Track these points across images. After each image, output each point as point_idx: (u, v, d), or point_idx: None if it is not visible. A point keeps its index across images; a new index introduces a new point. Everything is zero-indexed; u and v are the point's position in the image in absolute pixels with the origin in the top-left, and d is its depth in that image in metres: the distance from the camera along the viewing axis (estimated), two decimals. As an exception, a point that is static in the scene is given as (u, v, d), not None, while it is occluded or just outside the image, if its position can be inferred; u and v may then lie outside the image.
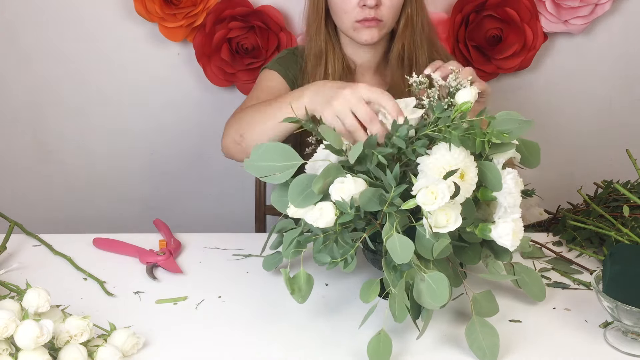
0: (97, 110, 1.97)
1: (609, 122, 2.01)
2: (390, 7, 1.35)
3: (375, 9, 1.33)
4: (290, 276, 1.00)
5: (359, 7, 1.33)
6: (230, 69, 1.85)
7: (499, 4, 1.81)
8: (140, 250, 1.30)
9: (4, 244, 1.30)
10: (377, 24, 1.36)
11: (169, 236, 1.36)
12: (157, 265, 1.26)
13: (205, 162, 2.03)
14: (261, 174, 1.01)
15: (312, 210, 0.96)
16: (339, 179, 0.97)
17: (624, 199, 1.34)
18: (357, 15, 1.34)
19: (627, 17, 1.89)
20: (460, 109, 1.00)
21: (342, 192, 0.95)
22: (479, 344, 0.97)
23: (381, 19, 1.35)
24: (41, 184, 2.05)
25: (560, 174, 2.06)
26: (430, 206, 0.90)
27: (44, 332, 0.89)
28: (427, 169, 0.97)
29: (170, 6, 1.78)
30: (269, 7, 1.81)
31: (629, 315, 0.99)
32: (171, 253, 1.28)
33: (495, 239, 0.98)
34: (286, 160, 1.00)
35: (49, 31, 1.88)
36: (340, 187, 0.96)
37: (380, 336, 0.95)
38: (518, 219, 0.99)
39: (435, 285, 0.93)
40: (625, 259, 1.03)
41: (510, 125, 1.01)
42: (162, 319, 1.11)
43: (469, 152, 0.98)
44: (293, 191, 0.98)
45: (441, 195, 0.90)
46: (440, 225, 0.94)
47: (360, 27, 1.36)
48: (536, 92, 1.97)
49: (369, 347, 0.94)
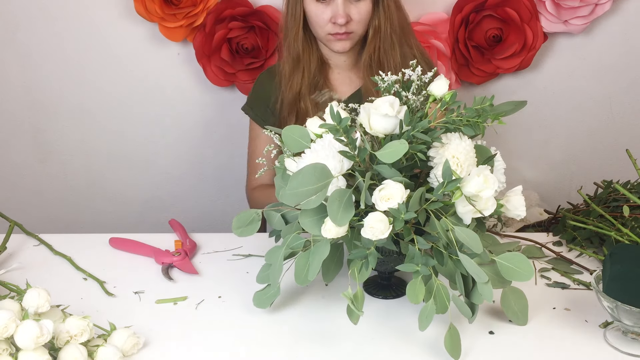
0: (97, 110, 1.97)
1: (609, 122, 2.01)
2: (359, 20, 1.44)
3: (346, 25, 1.42)
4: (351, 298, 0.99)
5: (330, 23, 1.43)
6: (230, 69, 1.85)
7: (499, 4, 1.81)
8: (156, 250, 1.30)
9: (4, 244, 1.30)
10: (347, 37, 1.45)
11: (184, 236, 1.36)
12: (172, 265, 1.26)
13: (205, 162, 2.03)
14: (298, 201, 0.97)
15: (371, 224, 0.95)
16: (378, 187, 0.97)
17: (624, 199, 1.34)
18: (330, 29, 1.44)
19: (627, 17, 1.89)
20: (447, 98, 1.05)
21: (389, 199, 0.96)
22: (512, 309, 1.07)
23: (351, 31, 1.45)
24: (41, 184, 2.05)
25: (560, 174, 2.06)
26: (485, 192, 0.97)
27: (44, 332, 0.89)
28: (443, 159, 0.99)
29: (170, 6, 1.78)
30: (269, 7, 1.81)
31: (629, 315, 0.99)
32: (187, 254, 1.29)
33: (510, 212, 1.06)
34: (321, 180, 0.96)
35: (49, 31, 1.88)
36: (384, 194, 0.96)
37: (451, 330, 0.98)
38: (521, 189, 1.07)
39: (515, 264, 0.98)
40: (625, 259, 1.03)
41: (505, 107, 1.06)
42: (162, 319, 1.11)
43: None
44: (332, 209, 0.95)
45: (492, 180, 0.97)
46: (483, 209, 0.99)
47: (332, 39, 1.46)
48: (536, 92, 1.97)
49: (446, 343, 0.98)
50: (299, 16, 1.47)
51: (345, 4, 1.41)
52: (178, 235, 1.39)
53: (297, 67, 1.51)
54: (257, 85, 1.62)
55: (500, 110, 1.04)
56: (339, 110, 1.02)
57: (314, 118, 1.09)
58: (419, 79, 1.08)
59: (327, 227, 0.98)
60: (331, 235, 0.98)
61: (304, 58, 1.51)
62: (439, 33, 1.86)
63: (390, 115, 1.01)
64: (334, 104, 1.03)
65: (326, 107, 1.03)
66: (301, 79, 1.51)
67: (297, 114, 1.51)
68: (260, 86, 1.60)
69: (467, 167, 1.00)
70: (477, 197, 0.98)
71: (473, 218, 1.01)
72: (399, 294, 1.17)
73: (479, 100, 1.04)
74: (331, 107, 1.01)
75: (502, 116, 1.03)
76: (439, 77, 1.08)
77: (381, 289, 1.18)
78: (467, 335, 1.05)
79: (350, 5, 1.42)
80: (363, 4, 1.43)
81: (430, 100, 1.07)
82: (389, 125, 1.01)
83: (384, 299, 1.17)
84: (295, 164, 1.06)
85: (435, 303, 0.98)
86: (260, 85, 1.60)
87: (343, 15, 1.40)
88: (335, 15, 1.41)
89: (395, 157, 0.96)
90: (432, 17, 1.86)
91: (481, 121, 1.01)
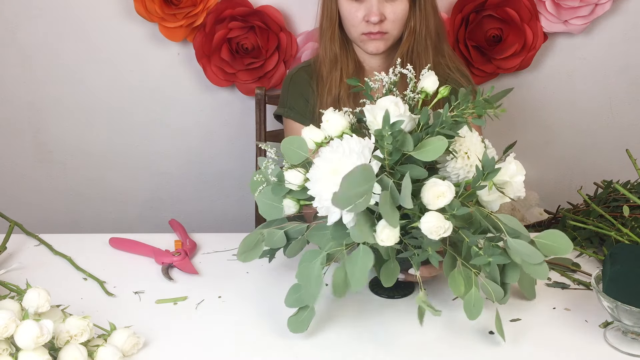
0: (97, 110, 1.97)
1: (609, 122, 2.01)
2: (394, 20, 1.40)
3: (380, 24, 1.39)
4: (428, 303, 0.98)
5: (364, 22, 1.39)
6: (230, 69, 1.85)
7: (499, 4, 1.81)
8: (156, 250, 1.30)
9: (4, 244, 1.30)
10: (381, 37, 1.41)
11: (184, 236, 1.36)
12: (172, 265, 1.26)
13: (205, 162, 2.03)
14: (347, 205, 0.94)
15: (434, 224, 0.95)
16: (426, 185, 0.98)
17: (624, 199, 1.35)
18: (363, 29, 1.40)
19: (627, 17, 1.89)
20: (443, 93, 1.07)
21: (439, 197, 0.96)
22: (524, 285, 1.11)
23: (386, 31, 1.41)
24: (41, 184, 2.05)
25: (560, 174, 2.06)
26: (518, 177, 1.04)
27: (44, 332, 0.89)
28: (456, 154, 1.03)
29: (170, 6, 1.78)
30: (269, 7, 1.81)
31: (629, 315, 0.99)
32: (187, 253, 1.29)
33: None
34: (367, 181, 0.94)
35: (49, 31, 1.88)
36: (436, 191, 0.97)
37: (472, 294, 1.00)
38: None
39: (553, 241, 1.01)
40: (625, 259, 1.03)
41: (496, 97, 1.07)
42: (162, 319, 1.11)
43: None
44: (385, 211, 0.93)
45: (521, 166, 1.05)
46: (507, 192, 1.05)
47: (366, 39, 1.42)
48: (536, 92, 1.97)
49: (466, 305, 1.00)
50: (334, 16, 1.44)
51: (380, 3, 1.37)
52: (178, 235, 1.39)
53: (335, 68, 1.47)
54: (291, 86, 1.55)
55: (492, 99, 1.04)
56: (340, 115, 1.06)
57: (310, 127, 1.09)
58: (411, 79, 1.10)
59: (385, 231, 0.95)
60: (390, 242, 0.96)
61: (341, 60, 1.47)
62: (439, 33, 1.86)
63: (403, 115, 1.01)
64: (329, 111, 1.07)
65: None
66: (339, 81, 1.47)
67: None
68: (296, 87, 1.54)
69: (475, 159, 1.03)
70: (507, 183, 1.03)
71: None
72: (406, 293, 1.17)
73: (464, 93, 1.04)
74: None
75: (496, 101, 1.03)
76: (429, 73, 1.10)
77: (387, 289, 1.18)
78: (467, 335, 1.05)
79: (385, 4, 1.38)
80: (399, 4, 1.39)
81: (436, 99, 1.09)
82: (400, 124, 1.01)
83: (388, 298, 1.16)
84: (300, 175, 1.05)
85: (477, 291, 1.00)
86: (295, 85, 1.55)
87: (377, 13, 1.37)
88: (368, 13, 1.37)
89: (437, 155, 0.97)
90: (432, 17, 1.86)
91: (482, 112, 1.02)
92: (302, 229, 1.10)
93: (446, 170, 1.05)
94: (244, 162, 2.00)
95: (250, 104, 1.90)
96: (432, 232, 0.95)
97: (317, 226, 1.06)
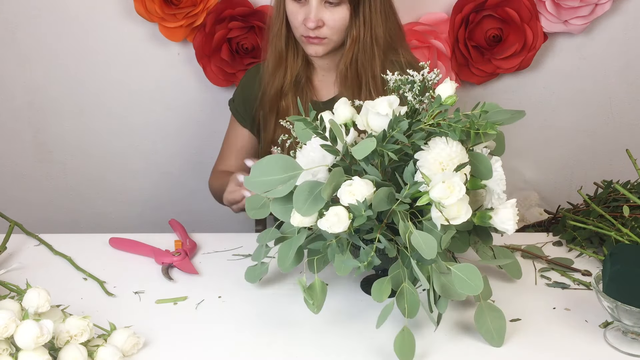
0: (97, 110, 1.97)
1: (609, 122, 2.01)
2: (332, 27, 1.39)
3: (318, 29, 1.38)
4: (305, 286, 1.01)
5: (303, 25, 1.39)
6: (230, 69, 1.85)
7: (499, 4, 1.81)
8: (156, 250, 1.30)
9: (4, 244, 1.30)
10: (319, 42, 1.41)
11: (184, 236, 1.36)
12: (172, 265, 1.26)
13: (205, 162, 2.03)
14: (263, 189, 1.02)
15: (327, 217, 0.96)
16: (346, 182, 0.97)
17: (624, 199, 1.34)
18: (303, 31, 1.40)
19: (627, 17, 1.89)
20: (446, 102, 1.03)
21: (353, 195, 0.96)
22: (487, 327, 1.02)
23: (324, 37, 1.40)
24: (41, 184, 2.05)
25: (560, 174, 2.06)
26: (447, 200, 0.93)
27: (44, 332, 0.89)
28: (427, 164, 0.99)
29: (170, 6, 1.78)
30: (269, 7, 1.81)
31: (629, 315, 0.99)
32: (187, 254, 1.29)
33: (497, 225, 1.03)
34: (287, 171, 1.00)
35: (48, 31, 1.88)
36: (350, 189, 0.96)
37: (404, 333, 0.97)
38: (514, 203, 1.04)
39: (467, 276, 0.95)
40: (625, 259, 1.03)
41: (501, 116, 1.04)
42: (162, 319, 1.11)
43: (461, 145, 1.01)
44: (298, 199, 0.97)
45: (458, 188, 0.93)
46: (453, 217, 0.96)
47: (306, 42, 1.42)
48: (536, 92, 1.97)
49: (396, 345, 0.97)
50: (282, 13, 1.44)
51: (319, 8, 1.36)
52: (178, 235, 1.38)
53: (280, 64, 1.48)
54: (243, 80, 1.62)
55: (495, 119, 1.03)
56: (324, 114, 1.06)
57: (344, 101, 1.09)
58: (421, 81, 1.08)
59: (295, 216, 0.99)
60: (296, 223, 1.00)
61: (287, 56, 1.47)
62: (439, 33, 1.86)
63: (383, 114, 1.01)
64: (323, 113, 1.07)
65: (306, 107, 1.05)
66: (283, 76, 1.48)
67: (277, 111, 1.50)
68: (246, 81, 1.60)
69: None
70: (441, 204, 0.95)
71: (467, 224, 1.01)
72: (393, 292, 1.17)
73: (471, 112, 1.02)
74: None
75: (498, 125, 1.01)
76: (446, 81, 1.06)
77: None
78: (468, 335, 1.05)
79: (324, 10, 1.37)
80: (339, 11, 1.37)
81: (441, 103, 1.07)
82: (384, 124, 1.01)
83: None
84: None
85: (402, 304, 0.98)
86: (246, 80, 1.60)
87: (314, 19, 1.35)
88: (307, 18, 1.36)
89: (364, 153, 0.97)
90: (432, 17, 1.86)
91: (469, 128, 0.99)
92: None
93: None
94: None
95: (250, 104, 1.90)
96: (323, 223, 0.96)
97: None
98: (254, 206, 1.13)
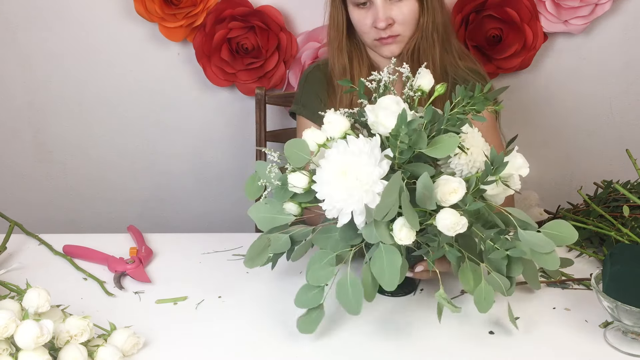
0: (97, 110, 1.97)
1: (609, 122, 2.01)
2: (403, 22, 1.37)
3: (389, 28, 1.36)
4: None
5: (374, 28, 1.37)
6: (230, 69, 1.85)
7: (499, 4, 1.81)
8: (109, 258, 1.28)
9: (4, 244, 1.30)
10: (393, 40, 1.38)
11: (140, 243, 1.34)
12: (125, 273, 1.25)
13: (205, 162, 2.03)
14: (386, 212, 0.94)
15: (454, 221, 0.95)
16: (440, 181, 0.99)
17: (624, 199, 1.34)
18: (374, 35, 1.38)
19: (627, 17, 1.89)
20: (440, 90, 1.08)
21: (456, 192, 0.97)
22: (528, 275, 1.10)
23: (397, 34, 1.38)
24: (41, 184, 2.05)
25: (560, 174, 2.06)
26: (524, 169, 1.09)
27: (44, 332, 0.89)
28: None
29: (170, 6, 1.78)
30: (269, 7, 1.81)
31: (629, 315, 0.99)
32: (141, 261, 1.27)
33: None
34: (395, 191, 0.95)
35: (48, 31, 1.88)
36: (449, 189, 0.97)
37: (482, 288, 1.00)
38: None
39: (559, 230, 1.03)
40: (625, 259, 1.03)
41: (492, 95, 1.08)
42: (162, 319, 1.11)
43: None
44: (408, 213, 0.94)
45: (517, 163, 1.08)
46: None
47: (379, 45, 1.40)
48: (536, 92, 1.97)
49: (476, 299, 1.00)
50: (341, 26, 1.42)
51: (385, 7, 1.34)
52: (134, 241, 1.36)
53: (346, 76, 1.45)
54: (306, 85, 1.55)
55: (490, 96, 1.04)
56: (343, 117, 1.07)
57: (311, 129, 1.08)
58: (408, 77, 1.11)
59: (404, 232, 0.96)
60: (408, 240, 0.96)
61: (352, 68, 1.45)
62: (439, 33, 1.86)
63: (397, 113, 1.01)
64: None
65: None
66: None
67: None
68: (310, 86, 1.53)
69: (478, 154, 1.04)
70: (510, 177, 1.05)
71: None
72: (408, 291, 1.17)
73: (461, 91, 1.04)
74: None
75: (493, 98, 1.04)
76: (425, 72, 1.10)
77: None
78: (467, 335, 1.05)
79: (391, 7, 1.35)
80: (405, 4, 1.35)
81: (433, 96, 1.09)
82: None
83: (392, 296, 1.16)
84: (305, 177, 1.05)
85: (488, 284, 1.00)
86: (309, 84, 1.54)
87: (383, 18, 1.33)
88: (375, 19, 1.34)
89: (448, 152, 0.98)
90: (432, 17, 1.86)
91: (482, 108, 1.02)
92: (307, 232, 1.10)
93: (449, 167, 1.05)
94: (243, 162, 2.00)
95: (250, 104, 1.90)
96: (449, 229, 0.96)
97: (323, 229, 1.06)
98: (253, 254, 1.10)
